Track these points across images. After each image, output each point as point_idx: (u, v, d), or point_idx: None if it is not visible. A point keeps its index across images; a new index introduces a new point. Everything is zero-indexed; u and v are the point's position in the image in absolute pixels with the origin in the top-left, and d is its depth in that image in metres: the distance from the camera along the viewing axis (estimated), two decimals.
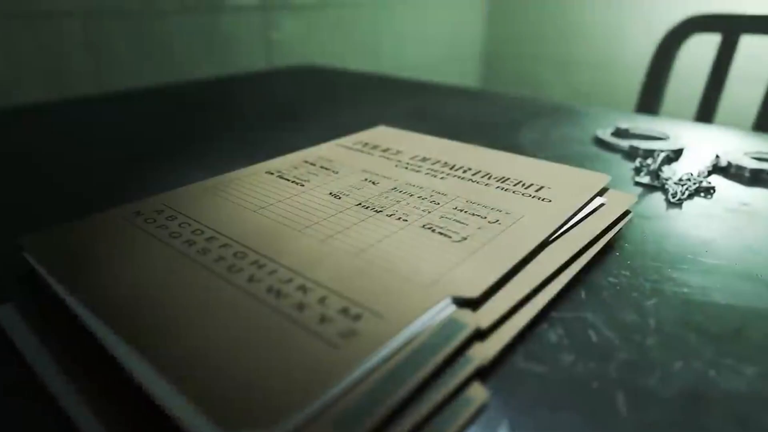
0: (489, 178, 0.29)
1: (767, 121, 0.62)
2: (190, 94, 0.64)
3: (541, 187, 0.28)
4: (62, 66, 0.73)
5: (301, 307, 0.18)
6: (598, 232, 0.25)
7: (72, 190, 0.33)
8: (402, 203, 0.26)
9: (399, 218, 0.24)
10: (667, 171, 0.36)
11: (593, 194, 0.27)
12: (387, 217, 0.25)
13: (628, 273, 0.24)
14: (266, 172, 0.30)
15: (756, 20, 0.62)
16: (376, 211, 0.25)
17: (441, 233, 0.23)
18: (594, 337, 0.19)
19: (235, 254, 0.21)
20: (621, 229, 0.28)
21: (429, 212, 0.25)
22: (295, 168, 0.31)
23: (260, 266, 0.20)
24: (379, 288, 0.19)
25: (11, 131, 0.45)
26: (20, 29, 0.69)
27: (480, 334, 0.18)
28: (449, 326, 0.17)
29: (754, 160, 0.36)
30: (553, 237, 0.24)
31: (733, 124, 1.05)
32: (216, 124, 0.48)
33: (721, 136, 0.45)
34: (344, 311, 0.17)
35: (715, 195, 0.32)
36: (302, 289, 0.19)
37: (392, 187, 0.28)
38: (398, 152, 0.34)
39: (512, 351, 0.18)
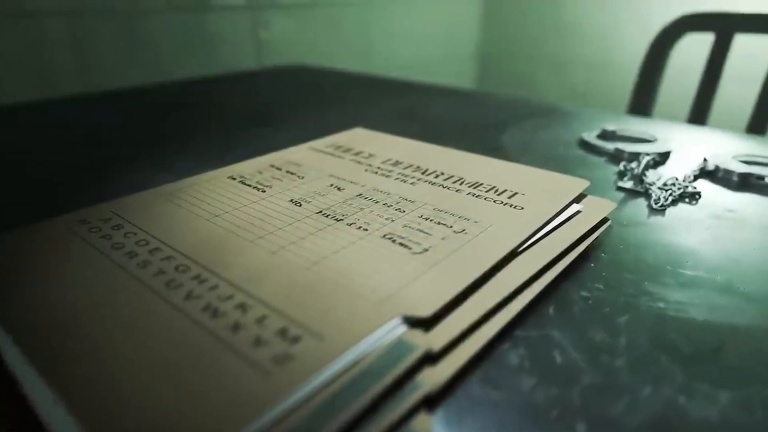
0: (461, 184, 0.28)
1: (761, 123, 0.61)
2: (173, 94, 0.62)
3: (515, 194, 0.27)
4: (46, 65, 0.72)
5: (236, 327, 0.16)
6: (571, 241, 0.23)
7: (34, 191, 0.32)
8: (365, 211, 0.25)
9: (359, 227, 0.23)
10: (651, 175, 0.34)
11: (569, 201, 0.26)
12: (347, 227, 0.23)
13: (602, 286, 0.22)
14: (228, 177, 0.29)
15: (750, 19, 0.61)
16: (336, 219, 0.24)
17: (402, 244, 0.22)
18: (559, 358, 0.18)
19: (177, 267, 0.20)
20: (598, 237, 0.26)
21: (392, 221, 0.24)
22: (260, 173, 0.30)
23: (201, 281, 0.19)
24: (325, 305, 0.17)
25: None
26: (3, 29, 0.68)
27: (431, 357, 0.16)
28: (397, 349, 0.16)
29: (743, 164, 0.35)
30: (522, 247, 0.22)
31: (727, 125, 1.03)
32: (193, 125, 0.47)
33: (711, 138, 0.43)
34: (282, 332, 0.16)
35: (700, 201, 0.31)
36: (241, 307, 0.17)
37: (358, 194, 0.27)
38: (371, 156, 0.33)
39: (468, 374, 0.17)
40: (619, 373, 0.17)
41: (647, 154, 0.37)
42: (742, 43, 1.02)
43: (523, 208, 0.25)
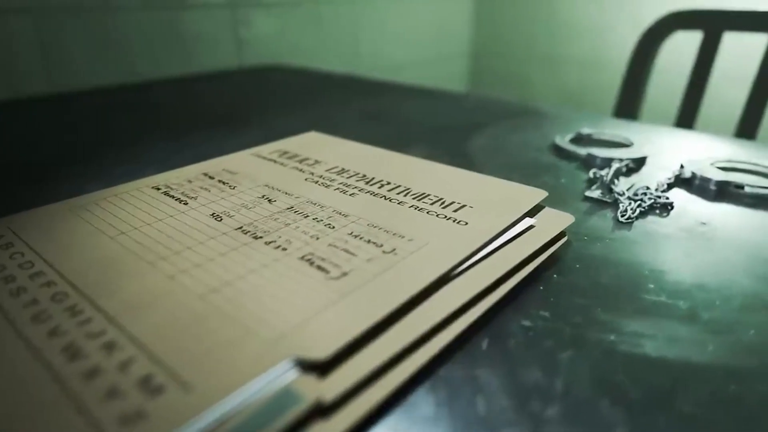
0: (406, 195, 0.26)
1: (751, 126, 0.58)
2: (139, 95, 0.60)
3: (462, 206, 0.24)
4: (12, 65, 0.70)
5: (92, 374, 0.14)
6: (517, 261, 0.21)
7: None
8: (290, 227, 0.22)
9: (278, 247, 0.21)
10: (622, 184, 0.32)
11: (520, 214, 0.24)
12: (264, 246, 0.21)
13: (548, 314, 0.20)
14: (153, 187, 0.26)
15: (739, 16, 0.58)
16: (255, 237, 0.21)
17: (320, 267, 0.19)
18: (481, 407, 0.15)
19: (53, 296, 0.17)
20: (554, 255, 0.24)
21: (318, 239, 0.21)
22: (189, 182, 0.27)
23: (75, 313, 0.16)
24: (207, 345, 0.15)
25: None
26: None
27: (323, 409, 0.14)
28: (279, 400, 0.13)
29: (721, 171, 0.32)
30: (458, 270, 0.20)
31: (719, 127, 1.01)
32: (149, 128, 0.45)
33: (694, 143, 0.41)
34: (144, 381, 0.14)
35: (672, 212, 0.28)
36: (108, 347, 0.15)
37: (289, 207, 0.24)
38: (316, 163, 0.30)
39: (370, 426, 0.14)
40: (549, 426, 0.15)
41: (620, 160, 0.35)
42: (740, 41, 1.00)
43: (467, 224, 0.23)
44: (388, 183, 0.27)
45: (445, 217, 0.23)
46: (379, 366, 0.15)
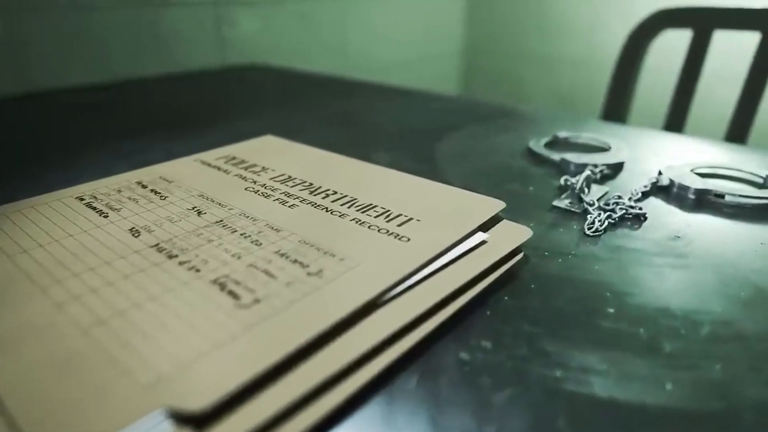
0: (350, 206, 0.23)
1: (742, 129, 0.56)
2: (108, 95, 0.58)
3: (409, 219, 0.22)
4: None
5: None
6: (462, 282, 0.19)
7: None
8: (213, 244, 0.20)
9: (192, 267, 0.18)
10: (594, 192, 0.30)
11: (470, 229, 0.21)
12: (178, 266, 0.18)
13: (490, 344, 0.17)
14: (76, 198, 0.24)
15: (730, 14, 0.56)
16: (170, 256, 0.19)
17: (231, 292, 0.17)
18: None
19: None
20: (510, 272, 0.21)
21: (239, 258, 0.19)
22: (119, 191, 0.25)
23: None
24: (74, 395, 0.13)
25: None
26: None
27: None
28: None
29: (701, 178, 0.30)
30: (391, 293, 0.18)
31: (711, 129, 0.98)
32: (106, 130, 0.42)
33: (677, 146, 0.39)
34: None
35: (645, 224, 0.26)
36: None
37: (218, 220, 0.22)
38: (263, 170, 0.28)
39: None
40: None
41: (594, 166, 0.33)
42: (737, 40, 0.97)
43: (409, 240, 0.20)
44: (335, 193, 0.25)
45: (387, 232, 0.21)
46: (278, 413, 0.13)
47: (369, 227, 0.21)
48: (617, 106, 0.65)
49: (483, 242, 0.21)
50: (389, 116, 0.48)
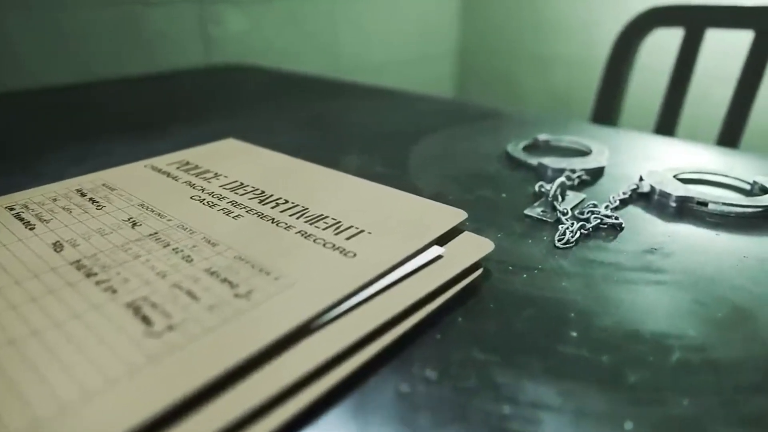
0: (300, 217, 0.22)
1: (733, 133, 0.54)
2: (83, 95, 0.56)
3: (360, 232, 0.20)
4: None
5: None
6: (410, 302, 0.17)
7: None
8: (140, 260, 0.18)
9: (109, 288, 0.17)
10: (570, 199, 0.28)
11: (425, 243, 0.20)
12: (94, 286, 0.17)
13: (435, 374, 0.16)
14: (6, 207, 0.23)
15: (722, 12, 0.54)
16: (88, 274, 0.17)
17: (145, 317, 0.15)
18: None
19: None
20: (469, 288, 0.20)
21: (163, 277, 0.17)
22: (54, 200, 0.23)
23: None
24: None
25: None
26: None
27: None
28: None
29: (683, 185, 0.28)
30: (327, 317, 0.16)
31: (705, 131, 0.96)
32: (71, 132, 0.41)
33: (664, 150, 0.37)
34: None
35: (621, 234, 0.24)
36: None
37: (153, 233, 0.20)
38: (216, 177, 0.26)
39: None
40: None
41: (572, 171, 0.31)
42: (734, 39, 0.95)
43: (355, 255, 0.19)
44: (286, 202, 0.23)
45: (333, 246, 0.19)
46: None
47: (314, 240, 0.20)
48: (608, 107, 0.63)
49: (439, 257, 0.20)
50: (369, 118, 0.46)
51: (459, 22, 1.52)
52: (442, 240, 0.21)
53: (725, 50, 0.92)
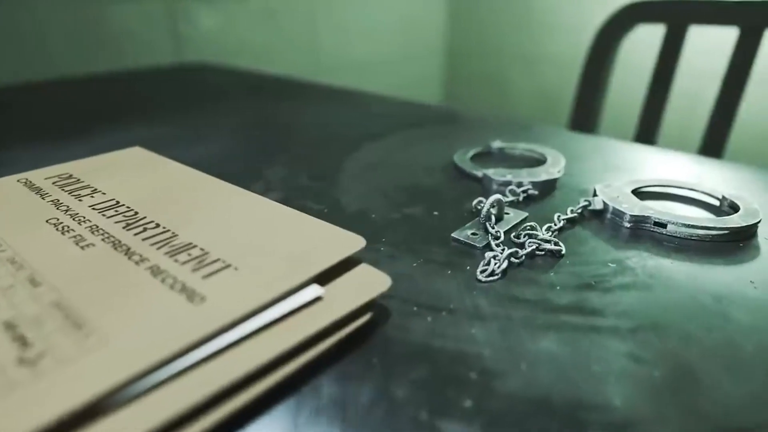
0: (162, 246, 0.18)
1: (716, 142, 0.50)
2: (13, 94, 0.52)
3: (225, 267, 0.17)
4: None
5: None
6: (261, 362, 0.13)
7: None
8: None
9: None
10: (507, 220, 0.24)
11: (301, 281, 0.16)
12: None
13: None
14: None
15: (706, 7, 0.50)
16: None
17: None
18: None
19: None
20: (358, 335, 0.16)
21: None
22: None
23: None
24: None
25: None
26: None
27: None
28: None
29: (641, 202, 0.25)
30: (142, 386, 0.12)
31: (693, 136, 0.93)
32: None
33: (630, 158, 0.33)
34: None
35: (559, 264, 0.21)
36: None
37: None
38: (93, 193, 0.23)
39: None
40: None
41: (519, 185, 0.27)
42: (729, 37, 0.91)
43: (204, 300, 0.15)
44: (156, 226, 0.20)
45: (183, 287, 0.16)
46: None
47: (162, 280, 0.16)
48: (587, 110, 0.59)
49: (317, 299, 0.16)
50: (317, 120, 0.42)
51: (446, 21, 1.48)
52: (333, 273, 0.17)
53: (724, 49, 0.89)
